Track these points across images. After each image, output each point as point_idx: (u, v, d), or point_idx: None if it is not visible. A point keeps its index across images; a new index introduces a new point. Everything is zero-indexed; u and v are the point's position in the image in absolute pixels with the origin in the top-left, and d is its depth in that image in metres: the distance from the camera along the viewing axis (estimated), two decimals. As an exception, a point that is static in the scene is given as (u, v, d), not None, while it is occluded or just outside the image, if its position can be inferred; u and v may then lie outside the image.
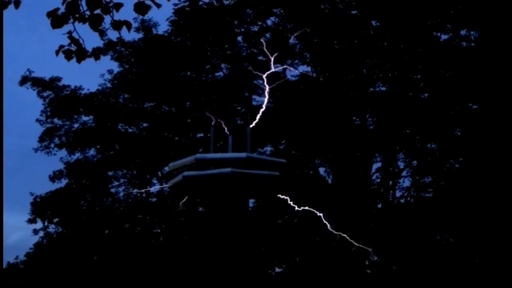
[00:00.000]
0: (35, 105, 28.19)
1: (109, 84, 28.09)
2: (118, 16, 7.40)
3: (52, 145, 27.75)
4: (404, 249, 24.47)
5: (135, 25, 27.22)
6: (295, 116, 25.09)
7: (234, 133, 13.07)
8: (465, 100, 25.27)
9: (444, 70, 25.37)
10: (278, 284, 25.57)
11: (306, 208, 12.97)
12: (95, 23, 7.27)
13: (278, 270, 26.42)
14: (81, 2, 7.27)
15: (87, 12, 7.28)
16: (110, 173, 27.84)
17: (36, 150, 27.67)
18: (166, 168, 15.12)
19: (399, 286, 24.27)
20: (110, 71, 28.05)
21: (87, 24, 7.36)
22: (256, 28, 26.98)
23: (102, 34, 7.55)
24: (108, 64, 29.17)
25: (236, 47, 27.33)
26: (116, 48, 27.73)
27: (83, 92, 27.89)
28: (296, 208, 12.86)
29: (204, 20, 26.45)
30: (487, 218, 22.75)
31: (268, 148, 26.51)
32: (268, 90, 13.83)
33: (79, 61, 7.59)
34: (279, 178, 12.62)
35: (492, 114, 23.91)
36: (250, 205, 24.21)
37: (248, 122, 14.03)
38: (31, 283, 26.46)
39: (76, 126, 27.88)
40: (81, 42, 7.53)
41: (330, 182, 25.91)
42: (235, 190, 12.58)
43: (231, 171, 12.24)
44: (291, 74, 26.74)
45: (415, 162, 26.08)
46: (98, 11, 7.30)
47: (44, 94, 27.72)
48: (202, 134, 26.95)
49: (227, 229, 12.53)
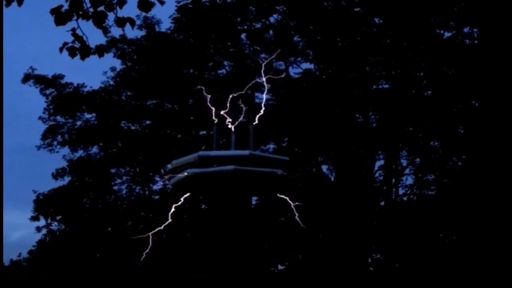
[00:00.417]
0: (38, 102, 28.24)
1: (111, 82, 28.11)
2: (122, 13, 7.40)
3: (55, 142, 27.77)
4: (406, 247, 24.46)
5: (138, 22, 27.22)
6: (298, 114, 25.07)
7: (236, 130, 13.07)
8: (468, 97, 25.24)
9: (447, 67, 25.34)
10: (280, 281, 25.57)
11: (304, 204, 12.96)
12: (99, 20, 7.28)
13: (280, 267, 26.44)
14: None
15: (91, 9, 7.29)
16: (113, 170, 27.86)
17: (39, 148, 27.72)
18: (169, 166, 15.13)
19: (401, 284, 24.26)
20: (113, 69, 28.09)
21: (90, 21, 7.36)
22: (259, 25, 26.96)
23: (105, 31, 7.55)
24: (111, 61, 29.16)
25: (239, 45, 27.32)
26: (119, 45, 27.73)
27: (85, 89, 27.92)
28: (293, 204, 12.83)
29: (207, 18, 26.44)
30: (490, 216, 22.73)
31: (271, 146, 26.52)
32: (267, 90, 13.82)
33: (83, 58, 7.59)
34: (281, 175, 12.62)
35: (495, 112, 23.88)
36: (253, 202, 24.20)
37: (251, 119, 14.03)
38: (34, 280, 26.50)
39: (78, 123, 27.91)
40: (84, 39, 7.53)
41: (333, 179, 25.91)
42: (238, 187, 12.58)
43: (234, 168, 12.25)
44: (294, 72, 26.78)
45: (418, 160, 26.06)
46: (101, 8, 7.30)
47: (47, 92, 27.74)
48: (205, 132, 26.93)
49: (230, 226, 12.53)
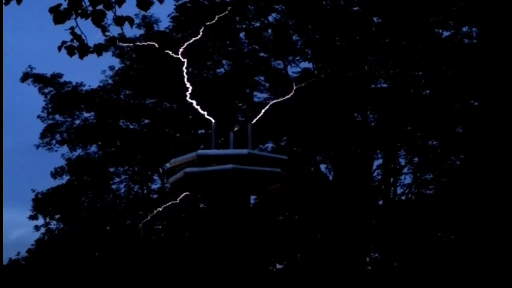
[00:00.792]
0: (37, 101, 28.20)
1: (110, 81, 28.08)
2: (120, 11, 7.40)
3: (53, 141, 27.74)
4: (405, 246, 24.46)
5: (137, 21, 27.20)
6: (297, 113, 25.06)
7: (235, 129, 13.06)
8: (466, 97, 25.24)
9: (446, 67, 25.34)
10: (279, 280, 25.57)
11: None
12: (98, 19, 7.27)
13: (279, 266, 26.43)
14: (83, -2, 7.28)
15: (90, 8, 7.28)
16: (112, 169, 27.83)
17: (37, 147, 27.68)
18: (168, 165, 15.12)
19: (400, 283, 24.27)
20: (111, 67, 28.07)
21: (89, 20, 7.36)
22: (258, 23, 26.95)
23: (104, 30, 7.55)
24: (109, 60, 29.13)
25: (237, 44, 27.31)
26: (118, 44, 27.69)
27: (84, 88, 27.89)
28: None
29: (206, 16, 26.40)
30: (488, 215, 22.73)
31: (270, 145, 26.51)
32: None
33: (81, 57, 7.59)
34: (280, 174, 12.62)
35: (493, 111, 23.88)
36: (252, 201, 24.20)
37: (249, 118, 14.03)
38: (33, 279, 26.48)
39: (77, 122, 27.88)
40: (83, 38, 7.53)
41: (331, 178, 25.91)
42: (237, 186, 12.58)
43: (232, 167, 12.23)
44: (292, 71, 26.77)
45: (416, 159, 26.05)
46: (100, 7, 7.30)
47: (45, 91, 27.71)
48: (203, 131, 26.92)
49: (228, 225, 12.53)
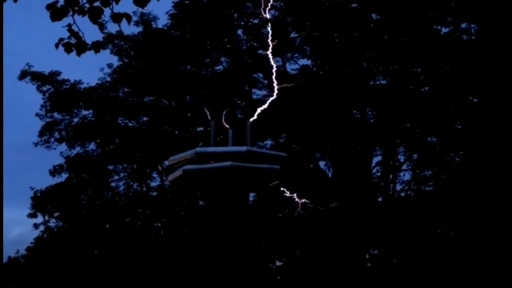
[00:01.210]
0: (35, 99, 28.17)
1: (108, 78, 28.06)
2: (118, 8, 7.38)
3: (52, 139, 27.73)
4: (404, 242, 24.47)
5: (135, 18, 27.21)
6: (295, 110, 25.05)
7: (234, 127, 13.05)
8: (465, 93, 25.23)
9: (444, 63, 25.33)
10: (278, 277, 25.58)
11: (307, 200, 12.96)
12: (95, 16, 7.24)
13: (278, 263, 26.44)
14: (80, -5, 7.25)
15: (87, 5, 7.26)
16: (110, 167, 27.82)
17: (36, 145, 27.67)
18: (166, 162, 15.11)
19: (399, 280, 24.28)
20: (109, 65, 28.03)
21: (86, 17, 7.33)
22: (256, 20, 26.92)
23: (101, 27, 7.53)
24: (107, 58, 29.10)
25: (236, 41, 27.28)
26: (116, 42, 27.68)
27: (82, 86, 27.88)
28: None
29: (204, 14, 26.40)
30: (487, 211, 22.74)
31: (268, 142, 26.51)
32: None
33: (79, 54, 7.56)
34: (279, 171, 12.62)
35: (492, 108, 23.88)
36: (250, 198, 24.19)
37: (248, 116, 14.01)
38: (32, 277, 26.48)
39: (76, 120, 27.86)
40: (80, 35, 7.50)
41: (330, 175, 25.90)
42: (236, 183, 12.57)
43: (231, 164, 12.23)
44: (291, 68, 26.75)
45: (415, 156, 26.06)
46: (97, 4, 7.27)
47: (44, 89, 27.68)
48: (202, 128, 26.91)
49: (227, 222, 12.52)
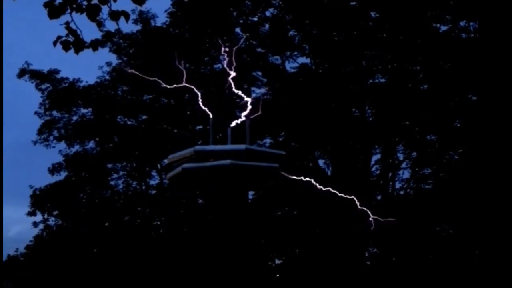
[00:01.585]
0: (34, 97, 28.17)
1: (107, 77, 28.03)
2: (116, 6, 7.35)
3: (51, 137, 27.71)
4: (403, 240, 24.47)
5: (133, 17, 27.22)
6: (295, 108, 25.04)
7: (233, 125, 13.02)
8: (464, 91, 25.22)
9: (443, 61, 25.32)
10: (277, 275, 25.57)
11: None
12: (93, 13, 7.22)
13: (278, 261, 26.44)
14: (78, -8, 7.23)
15: (85, 2, 7.23)
16: (109, 165, 27.82)
17: (35, 143, 27.65)
18: (165, 160, 15.08)
19: (398, 278, 24.28)
20: (108, 63, 28.02)
21: (84, 15, 7.31)
22: (255, 18, 26.90)
23: (100, 24, 7.50)
24: (106, 56, 29.05)
25: (235, 39, 27.24)
26: (114, 40, 27.65)
27: (81, 84, 27.85)
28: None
29: (203, 12, 26.37)
30: (486, 210, 22.73)
31: (268, 140, 26.49)
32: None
33: (77, 52, 7.53)
34: (278, 170, 12.59)
35: (491, 106, 23.86)
36: (250, 197, 24.18)
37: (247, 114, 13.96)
38: (32, 275, 26.46)
39: (75, 118, 27.84)
40: (78, 33, 7.47)
41: (329, 174, 25.89)
42: (235, 182, 12.54)
43: (230, 163, 12.20)
44: (290, 66, 26.73)
45: (414, 154, 26.05)
46: (95, 1, 7.25)
47: (43, 87, 27.66)
48: (201, 126, 26.89)
49: (226, 221, 12.50)
